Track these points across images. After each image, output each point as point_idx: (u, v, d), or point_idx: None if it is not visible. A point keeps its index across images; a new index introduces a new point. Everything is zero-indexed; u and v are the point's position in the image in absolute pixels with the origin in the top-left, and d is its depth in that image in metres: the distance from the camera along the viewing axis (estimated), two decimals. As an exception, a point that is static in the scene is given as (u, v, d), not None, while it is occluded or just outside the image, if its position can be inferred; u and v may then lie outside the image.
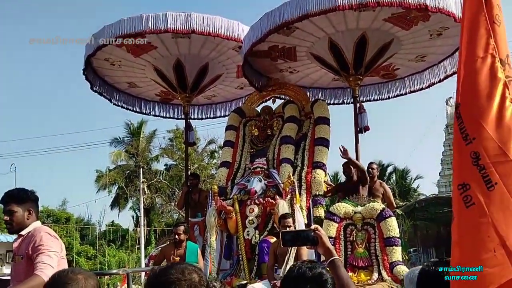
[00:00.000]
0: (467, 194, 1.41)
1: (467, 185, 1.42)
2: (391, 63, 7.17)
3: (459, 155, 1.47)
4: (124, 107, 8.28)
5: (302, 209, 5.40)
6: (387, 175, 24.40)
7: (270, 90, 6.99)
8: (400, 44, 6.45)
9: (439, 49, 6.82)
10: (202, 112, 8.90)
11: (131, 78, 7.60)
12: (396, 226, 5.05)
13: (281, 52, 6.60)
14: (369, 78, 7.77)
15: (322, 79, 7.73)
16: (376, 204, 5.19)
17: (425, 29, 6.17)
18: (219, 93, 8.42)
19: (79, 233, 25.43)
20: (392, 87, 7.93)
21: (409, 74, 7.63)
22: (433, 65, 7.35)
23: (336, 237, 5.12)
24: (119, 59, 6.92)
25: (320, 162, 5.83)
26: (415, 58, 7.03)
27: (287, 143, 6.06)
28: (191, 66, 6.92)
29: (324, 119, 6.18)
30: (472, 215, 1.40)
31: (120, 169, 24.22)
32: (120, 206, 24.79)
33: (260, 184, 5.59)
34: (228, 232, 5.66)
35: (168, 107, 8.72)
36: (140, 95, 8.33)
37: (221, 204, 5.38)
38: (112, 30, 6.11)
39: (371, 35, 6.05)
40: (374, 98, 8.04)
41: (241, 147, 6.59)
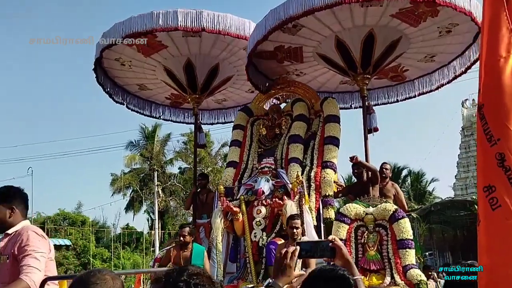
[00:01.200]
0: (493, 196, 1.35)
1: (493, 187, 1.35)
2: (400, 63, 6.77)
3: (484, 157, 1.40)
4: (135, 111, 8.04)
5: (311, 210, 5.02)
6: (402, 178, 23.96)
7: (279, 88, 6.59)
8: (408, 42, 6.07)
9: (449, 48, 6.42)
10: (212, 116, 8.56)
11: (142, 80, 7.32)
12: (409, 227, 4.66)
13: (287, 53, 6.26)
14: (378, 81, 7.43)
15: (330, 82, 7.34)
16: (388, 205, 4.81)
17: (434, 26, 5.79)
18: (230, 97, 8.07)
19: (95, 235, 25.38)
20: (401, 90, 7.55)
21: (418, 76, 7.24)
22: (442, 66, 6.95)
23: (346, 239, 4.74)
24: (130, 59, 6.63)
25: (330, 161, 5.41)
26: (424, 58, 6.62)
27: (296, 142, 5.66)
28: (202, 66, 6.59)
29: (334, 117, 5.76)
30: (499, 217, 1.33)
31: (135, 172, 24.22)
32: (134, 209, 24.73)
33: (267, 185, 5.25)
34: (234, 234, 5.26)
35: (178, 111, 8.42)
36: (151, 98, 8.05)
37: (227, 205, 5.07)
38: (122, 28, 5.85)
39: (378, 32, 5.67)
40: (383, 102, 7.66)
41: (248, 146, 6.19)
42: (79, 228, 23.84)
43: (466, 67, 6.81)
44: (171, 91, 7.55)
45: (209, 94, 7.16)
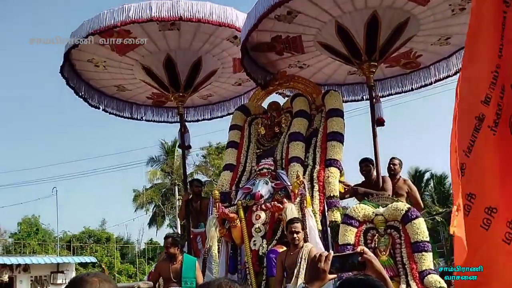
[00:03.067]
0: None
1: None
2: (411, 48, 7.05)
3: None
4: (114, 114, 8.42)
5: (315, 213, 5.32)
6: (424, 181, 25.55)
7: (277, 84, 6.94)
8: (418, 24, 6.32)
9: (465, 28, 6.44)
10: (198, 113, 8.97)
11: (119, 81, 7.67)
12: (425, 228, 4.92)
13: (286, 43, 6.57)
14: (391, 70, 7.73)
15: (337, 73, 7.67)
16: (400, 204, 5.09)
17: (445, 3, 6.03)
18: (216, 92, 8.44)
19: (119, 252, 28.75)
20: (416, 78, 7.84)
21: (433, 61, 7.51)
22: (459, 49, 7.16)
23: (355, 243, 5.04)
24: (103, 59, 6.98)
25: (334, 159, 5.72)
26: (438, 40, 6.88)
27: (296, 140, 5.98)
28: (183, 62, 6.93)
29: (337, 111, 6.08)
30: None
31: (156, 187, 27.40)
32: (157, 224, 27.66)
33: (266, 187, 5.55)
34: (233, 242, 5.59)
35: (161, 110, 8.83)
36: (131, 99, 8.41)
37: (223, 211, 5.37)
38: (91, 25, 6.18)
39: (383, 14, 5.94)
40: (397, 91, 7.98)
41: (246, 147, 6.54)
42: (104, 245, 27.21)
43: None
44: (152, 90, 7.89)
45: (193, 91, 7.51)
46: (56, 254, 25.19)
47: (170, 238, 4.83)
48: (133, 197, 28.15)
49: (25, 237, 28.19)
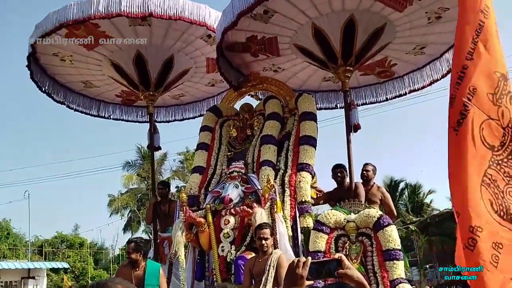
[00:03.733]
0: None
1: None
2: (386, 56, 7.05)
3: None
4: (79, 111, 8.11)
5: (286, 219, 5.17)
6: (399, 191, 25.99)
7: (250, 85, 6.81)
8: (394, 30, 6.31)
9: (440, 38, 6.66)
10: (169, 113, 8.77)
11: (86, 77, 7.39)
12: (396, 236, 4.84)
13: (261, 44, 6.46)
14: (365, 79, 7.72)
15: (311, 79, 7.60)
16: (372, 211, 5.00)
17: (422, 11, 6.03)
18: (188, 92, 8.25)
19: (93, 257, 28.55)
20: (390, 87, 7.87)
21: (408, 71, 7.54)
22: (434, 59, 7.23)
23: (325, 251, 4.91)
24: (70, 53, 6.69)
25: (306, 163, 5.59)
26: (413, 49, 6.89)
27: (268, 143, 5.84)
28: (154, 59, 6.71)
29: (310, 114, 5.98)
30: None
31: (132, 192, 27.12)
32: (133, 229, 27.31)
33: (236, 191, 5.36)
34: (200, 248, 5.40)
35: (131, 109, 8.56)
36: (98, 96, 8.14)
37: (190, 216, 5.15)
38: (56, 17, 5.89)
39: (360, 18, 5.90)
40: (371, 101, 7.99)
41: (217, 150, 6.36)
42: (77, 250, 26.81)
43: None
44: (122, 88, 7.63)
45: (164, 90, 7.30)
46: (27, 259, 24.86)
47: (133, 243, 4.59)
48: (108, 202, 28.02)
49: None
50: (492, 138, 1.61)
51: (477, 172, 1.60)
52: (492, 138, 1.61)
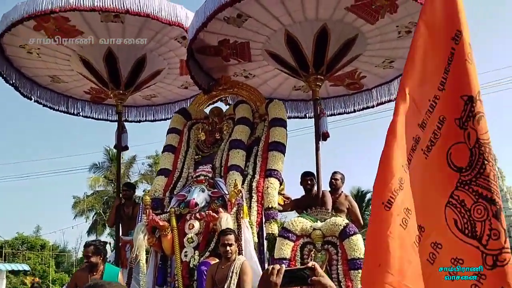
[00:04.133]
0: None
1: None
2: (356, 68, 7.03)
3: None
4: (48, 106, 7.74)
5: (252, 225, 4.99)
6: (365, 201, 26.10)
7: (221, 89, 6.61)
8: (365, 43, 6.29)
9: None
10: (140, 114, 8.48)
11: (54, 71, 7.04)
12: (362, 245, 4.72)
13: (233, 49, 6.29)
14: (334, 90, 7.68)
15: (282, 87, 7.48)
16: (338, 219, 4.88)
17: (393, 24, 6.03)
18: (160, 93, 7.99)
19: (55, 260, 27.17)
20: (359, 99, 7.88)
21: (376, 84, 7.55)
22: (401, 74, 7.29)
23: (291, 258, 4.76)
24: (37, 46, 6.33)
25: (274, 170, 5.43)
26: (382, 62, 6.90)
27: (237, 147, 5.65)
28: (126, 57, 6.44)
29: (280, 120, 5.83)
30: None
31: (98, 195, 26.12)
32: (97, 232, 26.20)
33: (202, 195, 5.15)
34: (163, 253, 5.14)
35: (100, 107, 8.23)
36: (66, 92, 7.78)
37: (153, 219, 4.91)
38: (25, 8, 5.57)
39: (332, 28, 5.84)
40: (340, 112, 7.95)
41: (184, 152, 6.11)
42: (39, 252, 25.56)
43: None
44: (91, 84, 7.32)
45: (135, 90, 7.02)
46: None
47: (92, 246, 4.30)
48: (73, 204, 26.94)
49: (-47, 241, 26.52)
50: (460, 160, 1.66)
51: (442, 195, 1.67)
52: (460, 160, 1.66)
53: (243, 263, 4.02)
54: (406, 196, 1.71)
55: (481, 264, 1.52)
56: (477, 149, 1.60)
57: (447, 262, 1.59)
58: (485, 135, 1.64)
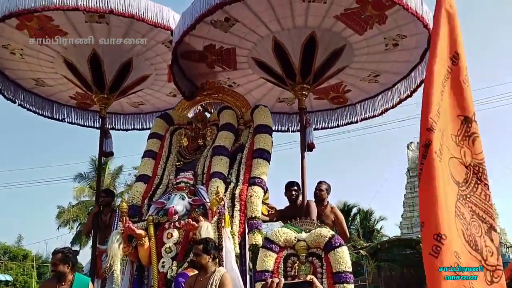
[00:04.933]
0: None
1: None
2: (342, 81, 6.74)
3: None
4: (32, 110, 7.27)
5: (234, 235, 4.54)
6: (352, 215, 25.83)
7: (205, 94, 6.22)
8: (352, 54, 6.02)
9: (394, 67, 6.45)
10: (128, 122, 8.01)
11: (38, 74, 6.57)
12: (348, 258, 4.33)
13: (219, 55, 5.91)
14: (318, 103, 7.37)
15: (265, 98, 7.08)
16: (323, 230, 4.46)
17: (381, 36, 5.77)
18: (148, 100, 7.56)
19: (37, 271, 26.07)
20: (342, 114, 7.59)
21: (360, 99, 7.28)
22: (386, 89, 6.99)
23: (273, 270, 4.33)
24: (21, 46, 5.90)
25: (258, 177, 4.98)
26: (368, 76, 6.63)
27: (220, 154, 5.21)
28: (111, 60, 6.00)
29: (265, 127, 5.41)
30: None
31: (83, 205, 24.92)
32: (81, 243, 25.04)
33: (182, 203, 4.70)
34: (139, 262, 4.68)
35: (86, 114, 7.78)
36: (52, 96, 7.33)
37: (128, 227, 4.46)
38: (6, 5, 5.16)
39: (321, 36, 5.54)
40: (323, 126, 7.62)
41: (165, 159, 5.64)
42: (21, 263, 24.43)
43: (411, 90, 6.88)
44: (76, 89, 6.88)
45: (120, 95, 6.57)
46: None
47: (60, 253, 3.83)
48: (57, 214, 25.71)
49: None
50: (457, 175, 1.65)
51: (451, 204, 1.62)
52: (458, 175, 1.65)
53: (223, 275, 3.57)
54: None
55: (484, 281, 1.53)
56: (471, 168, 1.61)
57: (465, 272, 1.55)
58: (479, 155, 1.66)
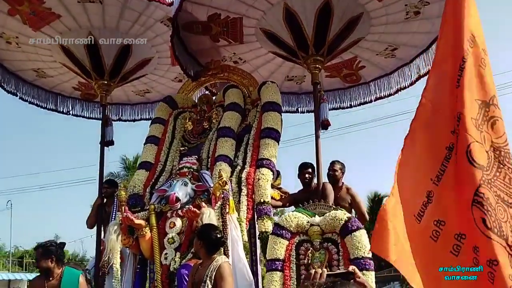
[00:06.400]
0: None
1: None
2: (356, 56, 6.37)
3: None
4: (36, 104, 7.19)
5: (242, 222, 4.28)
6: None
7: (210, 74, 5.94)
8: (369, 24, 5.65)
9: (413, 39, 6.04)
10: (135, 112, 7.84)
11: (37, 63, 6.45)
12: (366, 242, 3.98)
13: (224, 26, 5.58)
14: (329, 82, 6.98)
15: (274, 76, 6.70)
16: (339, 213, 4.12)
17: (402, 3, 5.37)
18: (154, 88, 7.33)
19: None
20: (355, 94, 7.20)
21: (375, 77, 6.88)
22: (404, 64, 6.58)
23: (285, 259, 4.04)
24: (15, 34, 5.78)
25: (267, 159, 4.68)
26: (384, 50, 6.23)
27: (225, 136, 4.95)
28: (109, 44, 5.77)
29: (273, 104, 5.10)
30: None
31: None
32: None
33: (184, 189, 4.46)
34: (141, 255, 4.50)
35: (92, 105, 7.65)
36: (55, 88, 7.23)
37: (126, 217, 4.23)
38: None
39: (337, 3, 5.17)
40: (334, 107, 7.24)
41: (168, 144, 5.43)
42: None
43: (431, 66, 6.39)
44: (78, 78, 6.73)
45: (121, 81, 6.37)
46: (7, 270, 23.20)
47: (41, 248, 3.66)
48: (91, 213, 27.12)
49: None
50: (481, 159, 1.64)
51: (467, 193, 1.62)
52: (481, 158, 1.64)
53: (220, 266, 3.25)
54: (437, 208, 1.71)
55: (509, 266, 1.49)
56: (492, 153, 1.59)
57: (484, 264, 1.54)
58: (500, 139, 1.64)
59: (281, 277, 3.92)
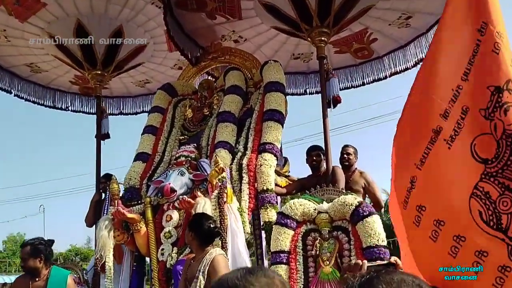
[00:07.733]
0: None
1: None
2: (367, 28, 6.02)
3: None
4: (32, 101, 7.14)
5: (243, 212, 4.05)
6: None
7: (210, 58, 5.74)
8: (379, -10, 5.34)
9: (429, 5, 5.57)
10: (136, 104, 7.75)
11: (30, 58, 6.39)
12: (380, 229, 3.70)
13: (220, 1, 5.28)
14: (339, 59, 6.62)
15: (278, 55, 6.42)
16: (349, 198, 3.84)
17: (415, -37, 5.09)
18: (153, 77, 7.18)
19: None
20: (368, 70, 6.83)
21: (388, 51, 6.51)
22: (420, 35, 6.19)
23: (290, 251, 3.80)
24: (2, 27, 5.69)
25: (270, 143, 4.43)
26: (397, 19, 5.86)
27: (225, 121, 4.74)
28: (99, 31, 5.65)
29: (276, 84, 4.84)
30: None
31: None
32: None
33: (181, 179, 4.27)
34: (138, 252, 4.35)
35: (92, 100, 7.56)
36: (51, 84, 7.18)
37: (118, 211, 4.07)
38: None
39: (341, -34, 4.92)
40: (346, 86, 6.90)
41: (166, 134, 5.26)
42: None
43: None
44: (74, 72, 6.63)
45: (116, 70, 6.21)
46: None
47: (29, 246, 3.51)
48: (121, 214, 28.45)
49: (10, 255, 27.96)
50: (485, 152, 1.61)
51: (466, 186, 1.64)
52: (486, 152, 1.61)
53: (214, 259, 3.01)
54: (419, 193, 1.75)
55: (506, 256, 1.52)
56: (504, 140, 1.59)
57: (470, 255, 1.58)
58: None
59: (287, 271, 3.69)
